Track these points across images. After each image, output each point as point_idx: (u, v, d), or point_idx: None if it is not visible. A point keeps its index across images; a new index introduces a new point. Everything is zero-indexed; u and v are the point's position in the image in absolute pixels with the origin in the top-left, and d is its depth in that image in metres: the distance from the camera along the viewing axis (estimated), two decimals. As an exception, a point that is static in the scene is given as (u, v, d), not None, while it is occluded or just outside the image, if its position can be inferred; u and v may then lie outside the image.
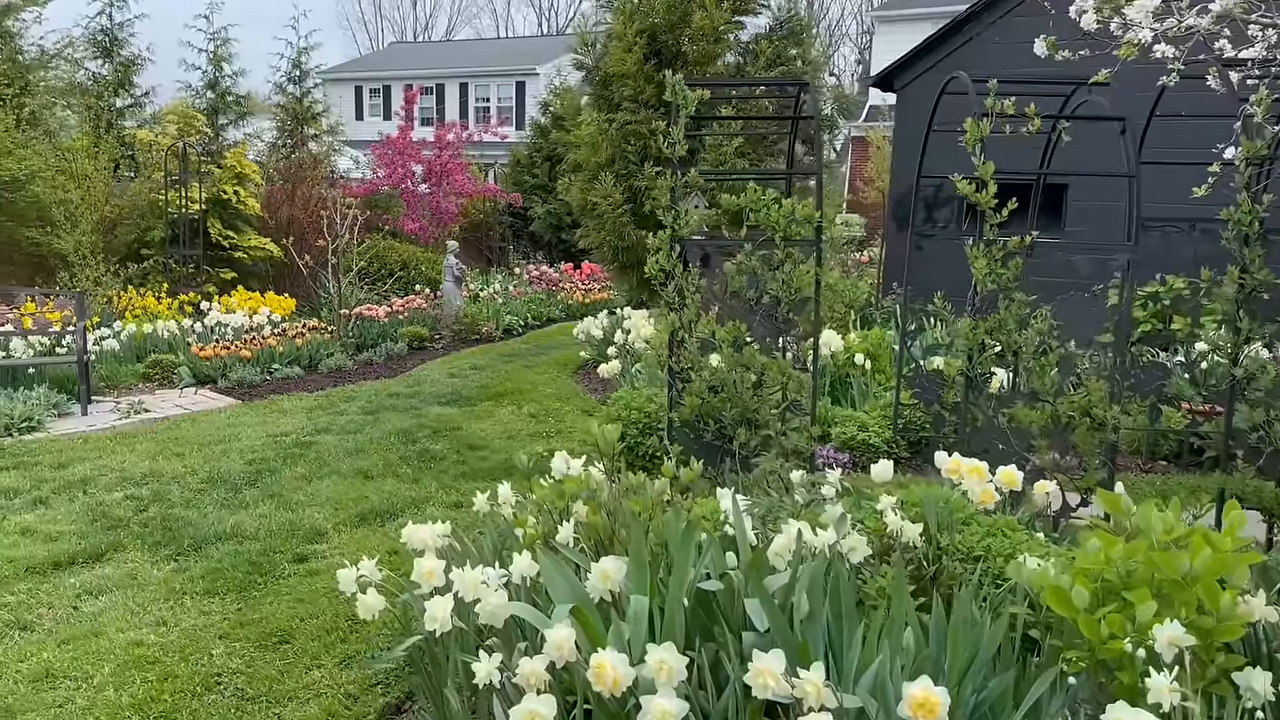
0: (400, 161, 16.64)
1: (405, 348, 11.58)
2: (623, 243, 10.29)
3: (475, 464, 6.75)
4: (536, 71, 34.53)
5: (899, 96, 10.81)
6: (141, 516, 5.56)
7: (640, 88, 10.13)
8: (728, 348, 4.54)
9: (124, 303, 11.42)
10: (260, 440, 7.36)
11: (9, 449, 7.10)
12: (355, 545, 5.06)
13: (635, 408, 6.15)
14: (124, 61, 16.96)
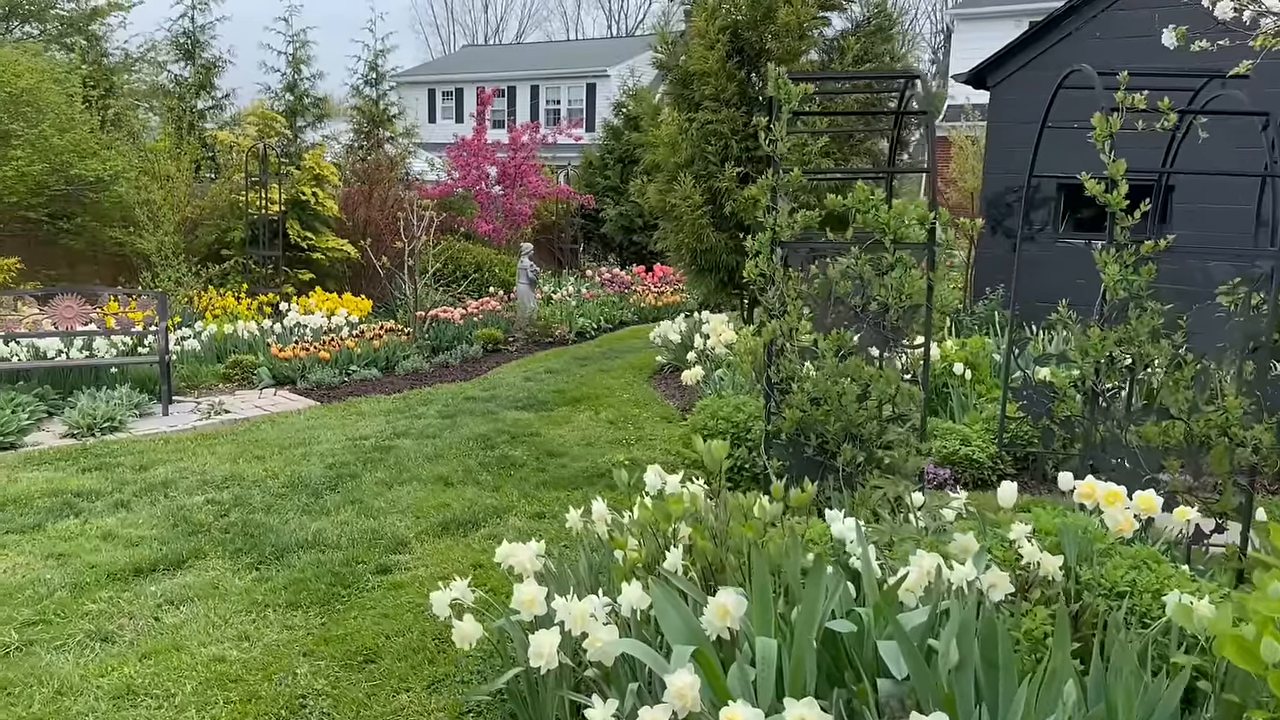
0: (474, 163, 16.62)
1: (480, 350, 11.49)
2: (701, 245, 10.04)
3: (555, 472, 6.57)
4: (607, 73, 34.46)
5: (992, 94, 10.39)
6: (223, 522, 5.48)
7: (722, 86, 9.87)
8: (831, 357, 4.27)
9: (204, 303, 11.53)
10: (340, 444, 7.28)
11: (92, 449, 7.12)
12: (439, 557, 4.90)
13: (722, 417, 5.91)
14: (205, 64, 17.24)
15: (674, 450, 7.01)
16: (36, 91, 10.21)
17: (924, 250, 4.35)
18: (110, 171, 11.04)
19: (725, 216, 10.02)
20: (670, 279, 17.22)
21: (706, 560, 2.89)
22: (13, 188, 9.96)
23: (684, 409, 8.62)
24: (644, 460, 6.63)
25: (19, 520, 5.44)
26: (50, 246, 11.59)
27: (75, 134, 10.71)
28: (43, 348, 8.85)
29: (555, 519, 5.48)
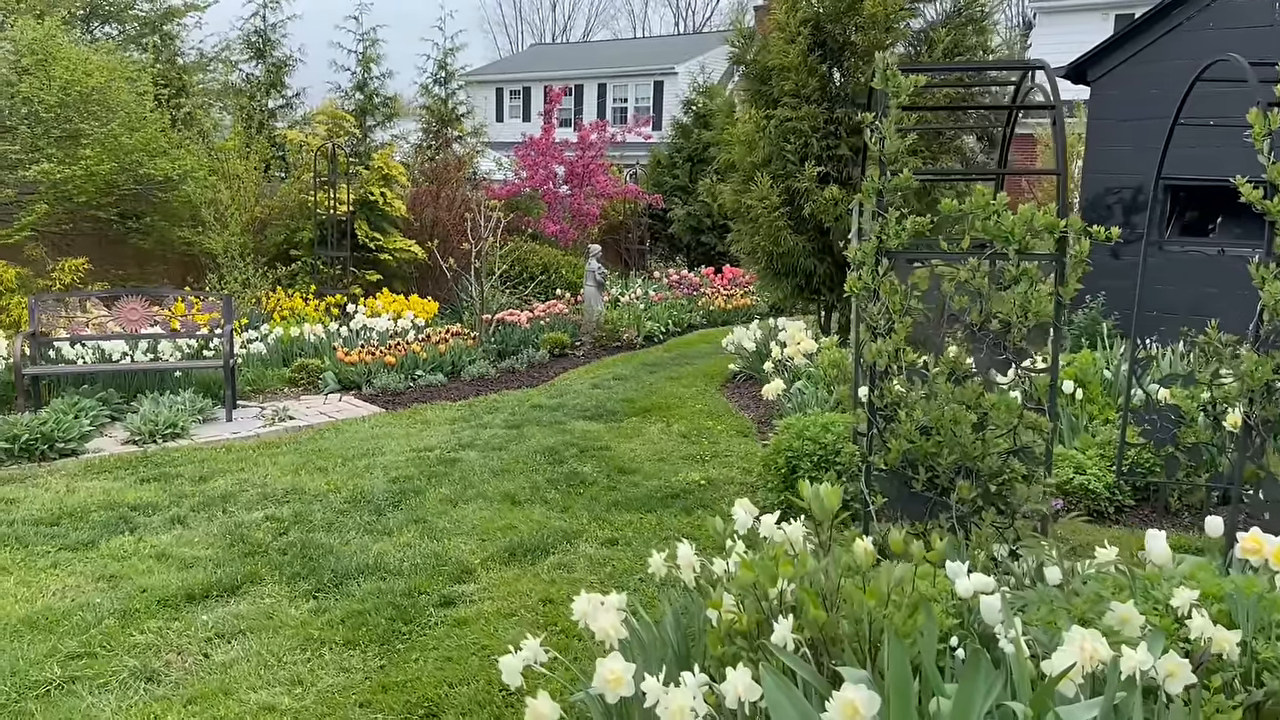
0: (542, 163, 16.34)
1: (547, 355, 11.18)
2: (778, 248, 9.58)
3: (627, 490, 6.19)
4: (675, 70, 34.06)
5: (1092, 90, 9.75)
6: (281, 541, 5.20)
7: (802, 81, 9.41)
8: (945, 381, 3.82)
9: (272, 304, 11.41)
10: (404, 456, 6.99)
11: (152, 457, 6.94)
12: (505, 588, 4.55)
13: (809, 437, 5.47)
14: (276, 62, 17.21)
15: (753, 469, 6.59)
16: (107, 90, 10.15)
17: (1052, 262, 3.87)
18: (179, 171, 10.96)
19: (804, 218, 9.56)
20: (739, 281, 16.76)
21: (818, 629, 2.48)
22: (82, 187, 9.91)
23: (760, 421, 8.19)
24: (720, 480, 6.24)
25: (73, 536, 5.23)
26: (119, 246, 11.57)
27: (145, 133, 10.64)
28: (108, 350, 8.75)
29: (629, 546, 5.11)
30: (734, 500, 5.88)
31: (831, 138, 9.57)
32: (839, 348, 7.05)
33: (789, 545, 3.19)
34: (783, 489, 5.45)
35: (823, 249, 9.81)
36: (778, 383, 6.60)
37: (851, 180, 9.55)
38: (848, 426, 5.55)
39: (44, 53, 9.81)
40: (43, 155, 9.82)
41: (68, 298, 8.73)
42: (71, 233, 10.85)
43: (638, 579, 4.61)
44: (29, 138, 9.94)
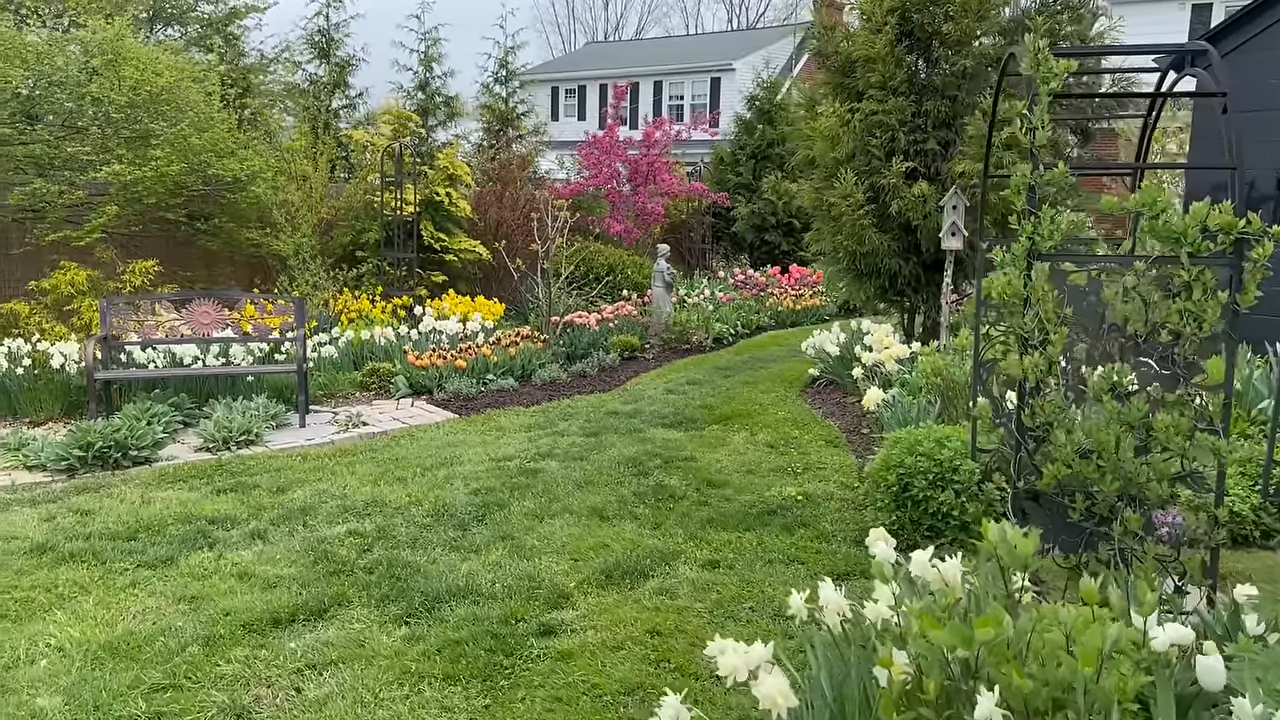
0: (606, 161, 16.06)
1: (617, 358, 10.89)
2: (861, 248, 9.18)
3: (719, 506, 5.86)
4: (732, 67, 33.62)
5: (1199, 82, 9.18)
6: (366, 559, 4.96)
7: (889, 73, 9.00)
8: (1109, 399, 3.43)
9: (339, 306, 11.25)
10: (483, 466, 6.74)
11: (227, 465, 6.76)
12: (607, 616, 4.25)
13: (923, 453, 5.10)
14: (340, 62, 17.17)
15: (851, 483, 6.23)
16: (176, 90, 10.06)
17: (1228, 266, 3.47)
18: (247, 171, 10.84)
19: (889, 216, 9.15)
20: (807, 280, 16.33)
21: (1022, 701, 2.13)
22: (152, 188, 9.82)
23: (848, 431, 7.81)
24: (818, 495, 5.89)
25: (151, 552, 5.03)
26: (187, 247, 11.50)
27: (213, 133, 10.54)
28: (179, 354, 8.63)
29: (732, 570, 4.78)
30: (836, 518, 5.55)
31: (919, 131, 9.15)
32: (939, 353, 6.66)
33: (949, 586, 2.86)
34: (894, 508, 5.08)
35: (907, 248, 9.39)
36: (877, 391, 6.23)
37: (940, 175, 9.14)
38: (963, 442, 5.17)
39: (113, 53, 9.74)
40: (113, 156, 9.75)
41: (139, 300, 8.62)
42: (140, 234, 10.79)
43: (748, 608, 4.28)
44: (99, 138, 9.89)
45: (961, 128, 9.16)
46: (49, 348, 8.30)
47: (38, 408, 8.06)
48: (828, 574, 4.64)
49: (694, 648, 3.88)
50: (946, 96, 9.14)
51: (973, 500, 4.98)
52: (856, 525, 5.38)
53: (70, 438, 6.79)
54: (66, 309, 9.51)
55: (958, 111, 9.15)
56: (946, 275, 8.77)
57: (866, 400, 6.19)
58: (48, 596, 4.47)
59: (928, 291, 9.76)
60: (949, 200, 8.53)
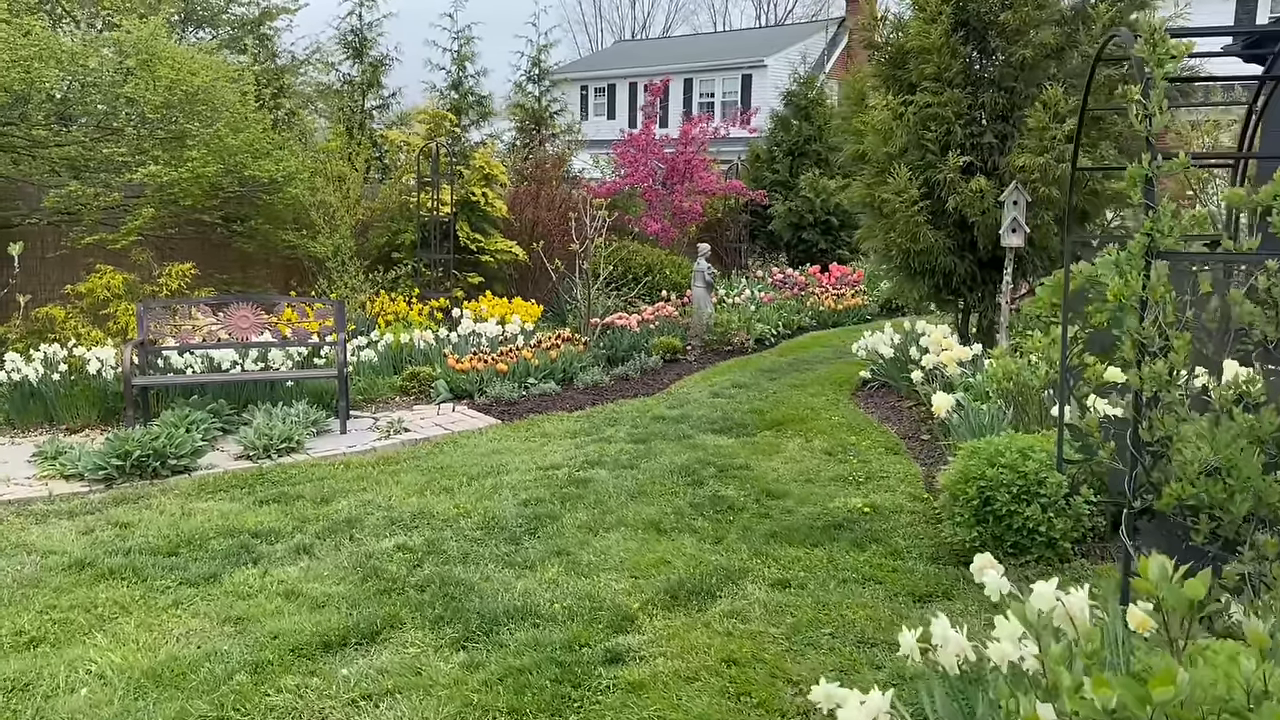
0: (642, 159, 15.79)
1: (659, 361, 10.63)
2: (915, 245, 8.85)
3: (781, 518, 5.58)
4: (764, 63, 33.30)
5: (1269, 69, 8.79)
6: (417, 576, 4.73)
7: (945, 64, 8.67)
8: (1240, 411, 3.12)
9: (376, 308, 11.06)
10: (530, 474, 6.50)
11: (269, 474, 6.56)
12: (676, 641, 3.98)
13: (1005, 465, 4.79)
14: (373, 62, 17.02)
15: (920, 495, 5.92)
16: (211, 90, 9.90)
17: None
18: (284, 172, 10.68)
19: (944, 212, 8.83)
20: (848, 279, 16.00)
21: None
22: (188, 190, 9.67)
23: (907, 437, 7.51)
24: (887, 508, 5.60)
25: (194, 569, 4.83)
26: (223, 250, 11.37)
27: (249, 133, 10.39)
28: (217, 359, 8.46)
29: (805, 590, 4.50)
30: (908, 533, 5.25)
31: (975, 125, 8.82)
32: (1012, 356, 6.34)
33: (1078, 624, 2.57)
34: (974, 524, 4.78)
35: (963, 246, 9.06)
36: (946, 397, 5.92)
37: (997, 170, 8.80)
38: (1048, 453, 4.86)
39: (148, 52, 9.59)
40: (149, 157, 9.60)
41: (176, 304, 8.46)
42: (176, 237, 10.66)
43: (828, 634, 4.00)
44: (135, 139, 9.74)
45: (1019, 120, 8.81)
46: (85, 353, 8.16)
47: (74, 414, 7.92)
48: (907, 595, 4.37)
49: (775, 679, 3.61)
50: (1003, 88, 8.80)
51: (1060, 515, 4.68)
52: (932, 541, 5.08)
53: (108, 446, 6.61)
54: (102, 313, 9.38)
55: (1015, 104, 8.80)
56: (1006, 274, 8.43)
57: (936, 407, 5.88)
58: (87, 617, 4.27)
59: (984, 290, 9.42)
60: (1009, 195, 8.20)
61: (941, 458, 6.79)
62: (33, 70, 8.70)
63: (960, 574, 4.62)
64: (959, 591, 4.44)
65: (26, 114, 9.38)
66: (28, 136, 9.53)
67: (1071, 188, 4.31)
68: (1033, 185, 8.27)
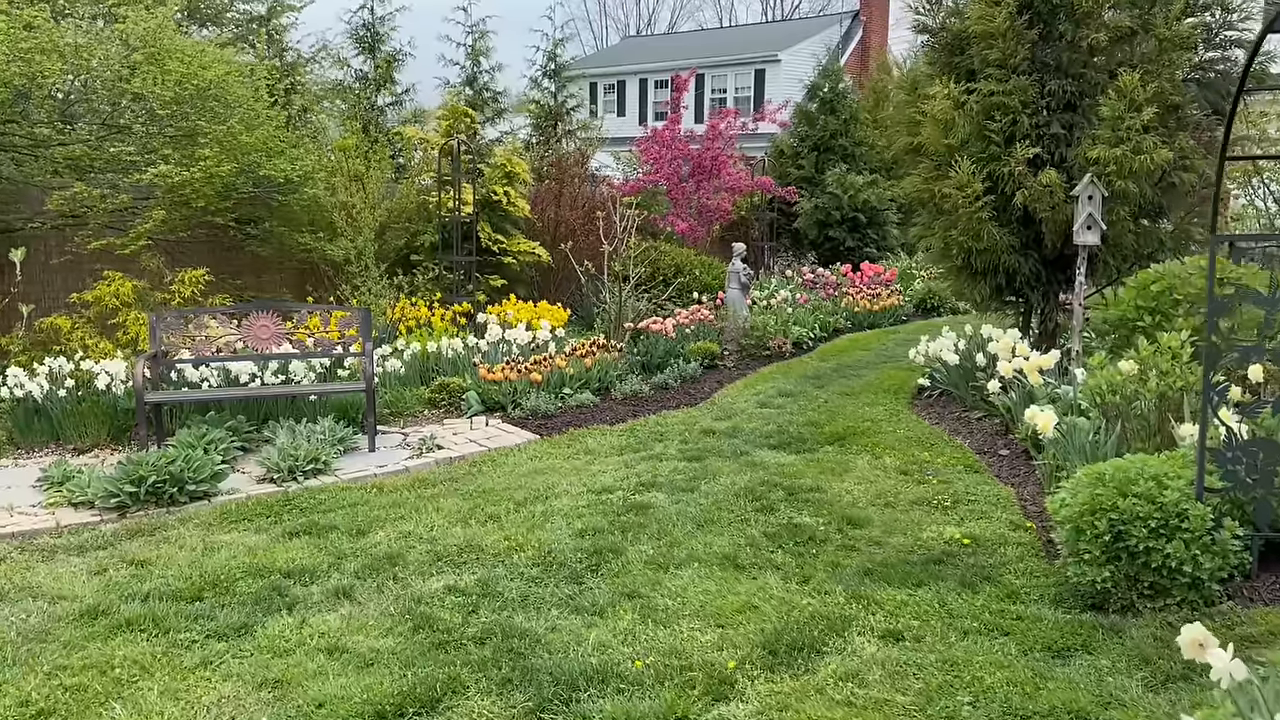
0: (667, 156, 15.20)
1: (698, 368, 10.06)
2: (978, 244, 8.29)
3: (869, 551, 5.01)
4: (778, 58, 32.68)
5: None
6: (474, 625, 4.17)
7: (1010, 50, 8.10)
8: None
9: (396, 314, 10.49)
10: (582, 500, 5.94)
11: (295, 500, 6.01)
12: (791, 714, 3.41)
13: (1140, 494, 4.22)
14: (386, 57, 16.46)
15: (1018, 522, 5.36)
16: (224, 85, 9.35)
17: None
18: (299, 172, 10.12)
19: (1009, 208, 8.27)
20: (882, 279, 15.41)
21: None
22: (200, 190, 9.11)
23: (983, 451, 6.95)
24: (988, 539, 5.04)
25: (221, 617, 4.27)
26: (236, 254, 10.82)
27: (263, 131, 9.84)
28: (234, 372, 7.91)
29: (922, 643, 3.93)
30: (1020, 569, 4.65)
31: (1042, 114, 8.24)
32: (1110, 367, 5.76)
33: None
34: (1104, 562, 4.21)
35: (1026, 243, 8.50)
36: (1049, 413, 5.33)
37: (1065, 162, 8.23)
38: (1186, 479, 4.29)
39: (156, 45, 9.04)
40: (159, 157, 9.05)
41: (190, 314, 7.90)
42: (187, 241, 10.12)
43: (967, 704, 3.43)
44: (143, 137, 9.19)
45: (1088, 110, 8.25)
46: (93, 366, 7.61)
47: (82, 433, 7.37)
48: (1042, 650, 3.82)
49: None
50: (1071, 75, 8.23)
51: (1206, 552, 4.11)
52: (1051, 580, 4.52)
53: (120, 471, 6.06)
54: (111, 323, 8.83)
55: (1084, 91, 8.23)
56: (1080, 273, 7.85)
57: (1042, 425, 5.29)
58: (103, 682, 3.71)
59: (1046, 291, 8.85)
60: (1083, 190, 7.62)
61: (1029, 477, 6.23)
62: (34, 64, 8.15)
63: (1095, 621, 4.06)
64: (1099, 644, 3.87)
65: (28, 111, 8.84)
66: (30, 135, 8.99)
67: (1220, 176, 3.74)
68: (1107, 179, 7.69)
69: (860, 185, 17.70)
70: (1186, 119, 7.99)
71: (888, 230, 18.45)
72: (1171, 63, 7.79)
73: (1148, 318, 6.96)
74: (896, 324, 14.23)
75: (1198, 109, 7.99)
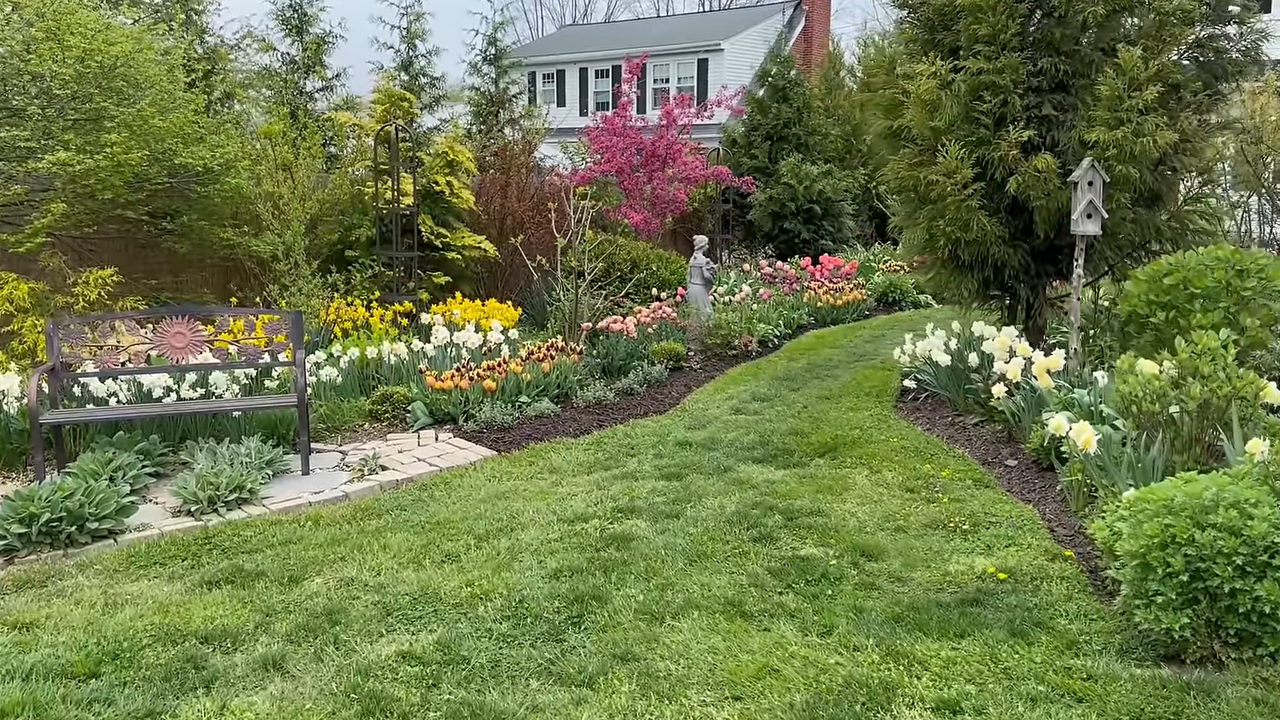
0: (619, 144, 14.43)
1: (663, 370, 9.34)
2: (967, 234, 7.70)
3: (892, 590, 4.35)
4: (721, 47, 32.09)
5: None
6: (437, 706, 3.40)
7: (1000, 25, 7.50)
8: None
9: (330, 315, 9.55)
10: (553, 530, 5.18)
11: (217, 538, 5.16)
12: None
13: (1223, 526, 3.60)
14: (315, 39, 15.39)
15: (1050, 548, 4.74)
16: (133, 63, 8.35)
17: None
18: (221, 160, 9.16)
19: (997, 196, 7.70)
20: (842, 272, 14.84)
21: None
22: (108, 181, 8.12)
23: (988, 461, 6.35)
24: (1024, 571, 4.42)
25: (122, 702, 3.44)
26: (150, 251, 9.81)
27: (179, 115, 8.85)
28: (147, 385, 6.98)
29: (983, 717, 3.26)
30: (1070, 609, 4.01)
31: (1033, 94, 7.67)
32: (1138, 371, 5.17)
33: None
34: (1181, 605, 3.59)
35: (1015, 234, 7.93)
36: (1086, 426, 4.69)
37: (1058, 146, 7.67)
38: (1270, 506, 3.69)
39: (56, 21, 8.03)
40: (58, 142, 8.03)
41: (96, 320, 6.95)
42: (95, 237, 9.10)
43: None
44: (40, 121, 8.16)
45: (1082, 89, 7.70)
46: (-18, 381, 6.63)
47: (-32, 459, 6.40)
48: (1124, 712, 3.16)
49: None
50: (1063, 53, 7.66)
51: (1305, 594, 3.50)
52: (1111, 624, 3.89)
53: (7, 507, 5.13)
54: (4, 331, 7.81)
55: (1078, 69, 7.68)
56: (1077, 265, 7.30)
57: (1083, 441, 4.65)
58: (-42, 808, 2.87)
59: (1035, 284, 8.30)
60: (1083, 175, 7.06)
61: (1046, 493, 5.62)
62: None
63: (1178, 680, 3.44)
64: (1191, 711, 3.24)
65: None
66: (-94, 118, 7.92)
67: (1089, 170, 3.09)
68: (1106, 163, 7.15)
69: (815, 175, 17.13)
70: (1187, 99, 7.48)
71: (843, 222, 17.92)
72: (1173, 38, 7.27)
73: (1160, 314, 6.41)
74: (860, 319, 13.67)
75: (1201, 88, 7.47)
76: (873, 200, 19.57)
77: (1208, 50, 7.69)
